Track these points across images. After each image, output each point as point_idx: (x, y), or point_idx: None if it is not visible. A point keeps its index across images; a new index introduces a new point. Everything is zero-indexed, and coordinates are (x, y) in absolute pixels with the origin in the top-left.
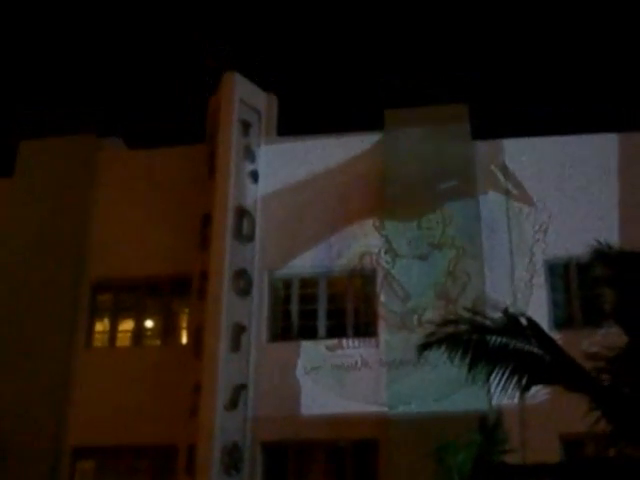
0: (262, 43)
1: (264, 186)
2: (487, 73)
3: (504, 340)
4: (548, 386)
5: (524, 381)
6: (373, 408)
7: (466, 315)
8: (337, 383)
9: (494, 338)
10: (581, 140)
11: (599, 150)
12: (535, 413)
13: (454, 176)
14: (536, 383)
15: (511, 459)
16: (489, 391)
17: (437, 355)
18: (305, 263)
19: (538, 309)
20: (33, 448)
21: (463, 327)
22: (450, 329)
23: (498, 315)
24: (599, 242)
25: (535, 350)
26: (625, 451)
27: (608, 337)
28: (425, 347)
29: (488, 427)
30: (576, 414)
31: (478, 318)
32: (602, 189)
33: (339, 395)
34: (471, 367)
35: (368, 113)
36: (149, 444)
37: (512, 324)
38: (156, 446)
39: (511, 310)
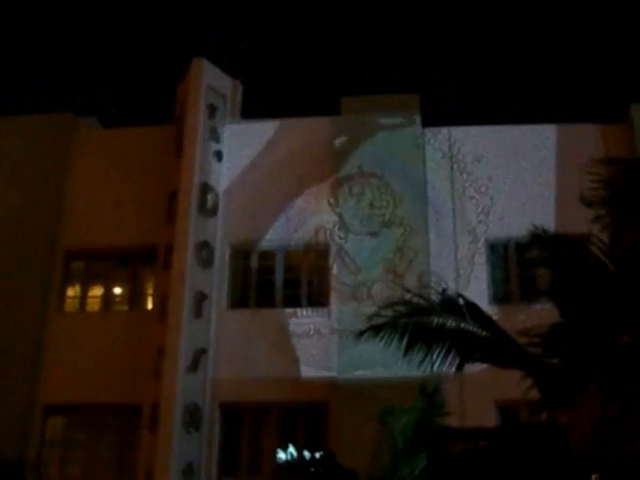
0: (229, 31)
1: (228, 165)
2: (438, 65)
3: (441, 320)
4: (482, 363)
5: (459, 359)
6: (324, 373)
7: (410, 294)
8: (291, 349)
9: (432, 319)
10: (522, 130)
11: (539, 140)
12: (473, 380)
13: (404, 160)
14: (468, 361)
15: (451, 423)
16: (430, 360)
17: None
18: (264, 237)
19: (479, 285)
20: (7, 405)
21: (402, 309)
22: (391, 312)
23: (441, 289)
24: (535, 226)
25: (471, 328)
26: (554, 416)
27: (542, 312)
28: (362, 334)
29: (428, 392)
30: (511, 382)
31: (419, 300)
32: (541, 176)
33: (293, 360)
34: (408, 349)
35: (326, 99)
36: (116, 403)
37: (450, 304)
38: (122, 405)
39: (453, 285)
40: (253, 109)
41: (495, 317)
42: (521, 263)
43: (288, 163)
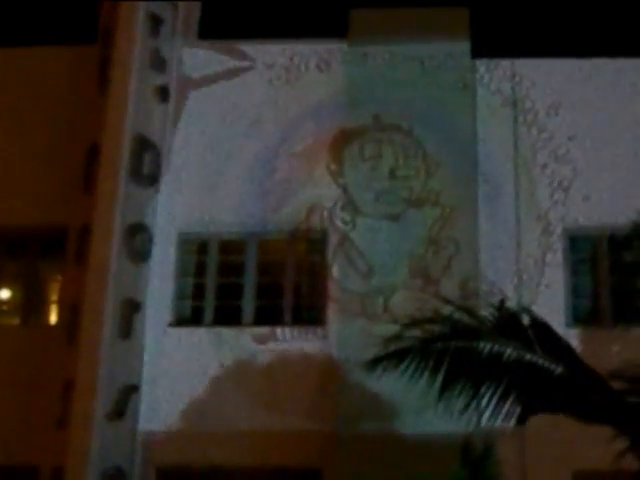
0: None
1: (177, 108)
2: None
3: (496, 347)
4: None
5: (521, 407)
6: (316, 425)
7: (448, 307)
8: (267, 388)
9: (482, 345)
10: (624, 65)
11: None
12: (541, 439)
13: (444, 106)
14: (536, 411)
15: None
16: (477, 408)
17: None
18: (228, 218)
19: (552, 298)
20: None
21: (437, 329)
22: (420, 334)
23: (496, 301)
24: None
25: (540, 362)
26: None
27: None
28: (376, 362)
29: (474, 456)
30: (598, 444)
31: (463, 316)
32: None
33: (269, 405)
34: (444, 389)
35: (327, 14)
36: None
37: (509, 324)
38: (9, 468)
39: (514, 296)
40: (217, 25)
41: (576, 346)
42: (617, 267)
43: (268, 106)
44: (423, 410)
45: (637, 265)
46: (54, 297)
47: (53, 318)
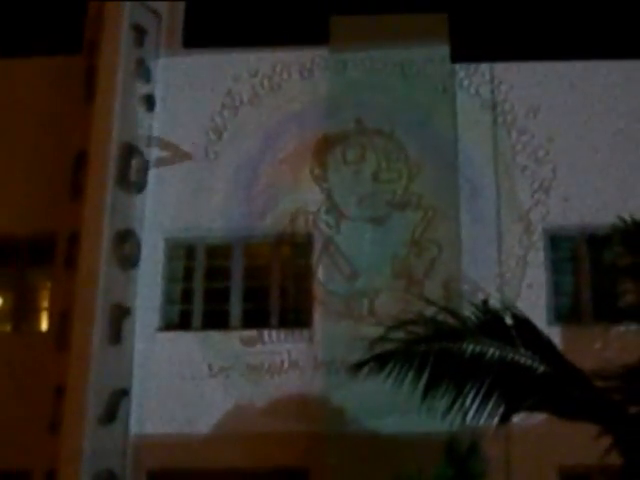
0: None
1: (162, 116)
2: None
3: (479, 348)
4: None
5: (504, 405)
6: (302, 426)
7: (432, 309)
8: (254, 390)
9: (465, 345)
10: (602, 68)
11: (628, 83)
12: (525, 437)
13: (424, 110)
14: (519, 409)
15: None
16: (461, 407)
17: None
18: (215, 223)
19: (534, 297)
20: None
21: (421, 330)
22: (404, 335)
23: (479, 301)
24: (621, 218)
25: (522, 360)
26: None
27: (628, 338)
28: (361, 367)
29: (459, 454)
30: (582, 440)
31: (446, 317)
32: (630, 137)
33: (257, 406)
34: (429, 389)
35: (308, 21)
36: None
37: (492, 324)
38: (2, 472)
39: (496, 296)
40: (200, 35)
41: (558, 344)
42: (597, 265)
43: (252, 114)
44: (408, 410)
45: (617, 265)
46: (44, 304)
47: (44, 324)
